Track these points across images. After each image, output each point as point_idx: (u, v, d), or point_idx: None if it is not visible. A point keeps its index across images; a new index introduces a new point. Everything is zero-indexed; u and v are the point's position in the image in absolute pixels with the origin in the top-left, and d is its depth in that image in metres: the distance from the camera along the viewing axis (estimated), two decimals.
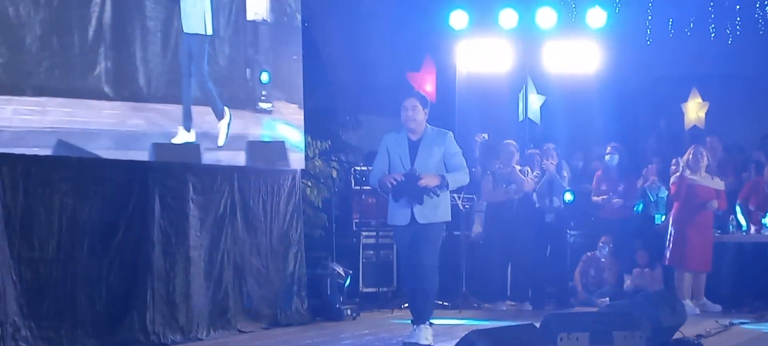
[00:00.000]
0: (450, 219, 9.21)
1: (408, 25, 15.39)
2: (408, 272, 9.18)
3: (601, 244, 12.68)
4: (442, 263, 12.98)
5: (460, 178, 8.82)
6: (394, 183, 8.66)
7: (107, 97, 9.60)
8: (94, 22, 9.40)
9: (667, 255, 12.15)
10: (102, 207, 8.87)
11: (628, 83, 15.84)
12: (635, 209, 13.11)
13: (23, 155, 8.23)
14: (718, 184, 12.11)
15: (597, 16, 14.71)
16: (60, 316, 8.42)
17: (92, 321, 8.68)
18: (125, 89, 9.59)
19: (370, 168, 13.06)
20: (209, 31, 10.50)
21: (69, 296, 8.54)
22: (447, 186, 8.69)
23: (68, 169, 8.60)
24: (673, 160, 12.59)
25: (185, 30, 10.20)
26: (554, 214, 12.97)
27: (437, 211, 8.68)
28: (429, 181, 8.53)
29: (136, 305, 9.09)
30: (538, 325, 7.36)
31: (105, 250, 8.86)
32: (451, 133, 8.87)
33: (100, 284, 8.82)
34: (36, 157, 8.37)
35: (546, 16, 14.75)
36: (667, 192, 12.85)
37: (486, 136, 14.28)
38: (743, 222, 12.55)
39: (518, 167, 12.68)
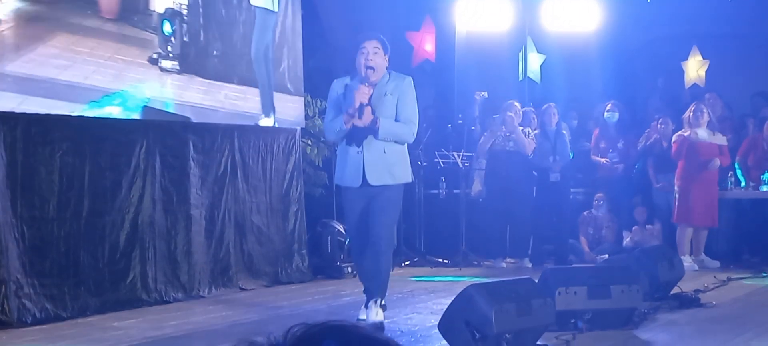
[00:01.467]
0: (410, 180, 8.25)
1: None
2: (358, 245, 8.09)
3: (596, 202, 12.82)
4: (443, 221, 13.29)
5: (398, 130, 7.59)
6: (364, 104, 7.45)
7: (289, 92, 11.42)
8: (279, 25, 11.11)
9: (675, 212, 12.23)
10: (103, 166, 8.94)
11: (629, 42, 15.82)
12: (636, 167, 13.21)
13: (23, 114, 8.31)
14: (721, 139, 12.20)
15: None
16: (62, 274, 8.52)
17: (95, 279, 8.78)
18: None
19: None
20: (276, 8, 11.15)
21: (69, 252, 8.61)
22: (376, 130, 7.47)
23: (69, 127, 8.65)
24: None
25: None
26: (560, 173, 13.12)
27: (393, 170, 7.63)
28: (365, 115, 7.42)
29: (137, 263, 9.19)
30: (536, 280, 7.49)
31: (107, 208, 8.94)
32: (410, 78, 7.95)
33: (103, 242, 8.90)
34: (36, 116, 8.44)
35: None
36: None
37: (485, 94, 14.40)
38: (742, 179, 12.68)
39: (520, 129, 12.81)
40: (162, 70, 9.94)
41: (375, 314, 7.68)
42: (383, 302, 7.79)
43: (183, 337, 7.67)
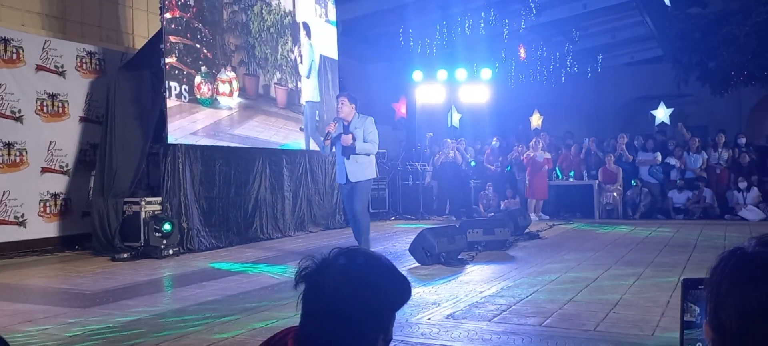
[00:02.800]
0: (375, 176, 7.25)
1: (392, 79, 15.69)
2: (349, 215, 7.37)
3: (487, 187, 12.88)
4: (411, 196, 13.43)
5: (367, 147, 6.80)
6: (332, 133, 6.85)
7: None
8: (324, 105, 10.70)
9: (526, 191, 12.31)
10: (241, 170, 8.97)
11: (504, 107, 16.13)
12: (507, 169, 13.25)
13: (200, 145, 8.28)
14: (548, 155, 12.32)
15: (486, 73, 14.97)
16: (219, 225, 8.56)
17: (236, 227, 8.82)
18: None
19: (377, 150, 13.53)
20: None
21: (224, 215, 8.72)
22: (355, 148, 6.76)
23: (222, 152, 8.64)
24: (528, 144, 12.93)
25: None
26: (468, 172, 13.49)
27: (364, 171, 6.84)
28: (346, 139, 6.75)
29: (257, 219, 9.21)
30: (458, 226, 7.60)
31: (242, 192, 9.00)
32: (371, 118, 6.96)
33: (240, 209, 8.95)
34: (206, 146, 8.38)
35: (461, 73, 15.00)
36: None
37: (431, 134, 14.30)
38: (560, 175, 12.80)
39: (451, 152, 13.14)
40: (301, 130, 10.27)
41: None
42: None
43: (281, 256, 7.56)
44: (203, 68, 8.49)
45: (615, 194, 12.20)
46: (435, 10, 12.72)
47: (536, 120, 14.94)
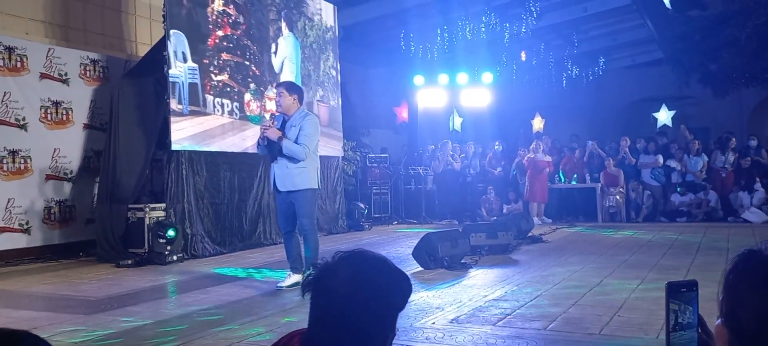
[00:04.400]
0: (316, 186, 5.66)
1: (393, 83, 15.71)
2: (282, 230, 5.87)
3: (489, 191, 12.87)
4: (413, 201, 13.25)
5: (293, 148, 5.44)
6: (265, 129, 5.57)
7: (338, 138, 11.22)
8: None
9: (527, 194, 12.26)
10: (244, 177, 8.95)
11: (505, 111, 16.07)
12: (513, 173, 13.14)
13: (203, 151, 8.25)
14: (548, 158, 12.30)
15: (488, 77, 15.00)
16: (223, 230, 8.55)
17: (239, 233, 8.79)
18: None
19: (379, 155, 13.54)
20: None
21: (228, 220, 8.67)
22: (281, 146, 5.45)
23: (225, 157, 8.61)
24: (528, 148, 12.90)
25: None
26: (471, 177, 13.51)
27: (295, 179, 5.52)
28: (271, 132, 5.49)
29: (260, 225, 9.18)
30: (461, 230, 7.55)
31: (245, 197, 8.96)
32: (311, 116, 5.79)
33: (243, 214, 8.92)
34: (209, 152, 8.34)
35: (462, 77, 15.00)
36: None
37: (433, 147, 14.02)
38: (562, 178, 12.76)
39: (450, 153, 13.19)
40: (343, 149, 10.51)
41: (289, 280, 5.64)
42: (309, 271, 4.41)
43: (285, 260, 7.19)
44: (252, 85, 8.74)
45: (618, 196, 12.16)
46: (436, 14, 12.72)
47: (538, 123, 14.92)
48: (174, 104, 7.97)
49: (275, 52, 9.74)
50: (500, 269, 6.54)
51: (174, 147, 7.93)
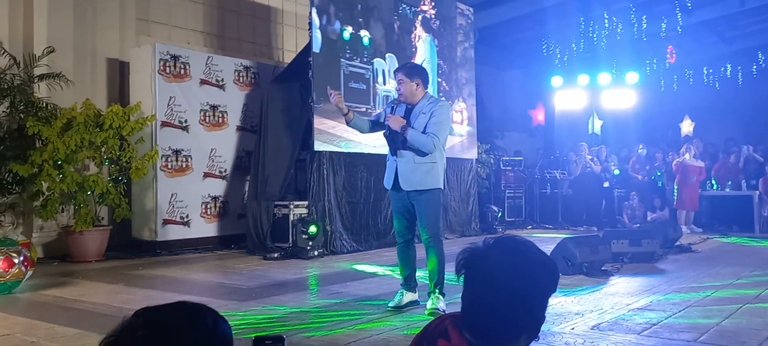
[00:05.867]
0: (441, 186, 4.64)
1: (529, 85, 15.49)
2: (400, 237, 4.86)
3: (632, 197, 12.44)
4: (549, 206, 12.94)
5: (420, 139, 4.50)
6: (388, 118, 4.65)
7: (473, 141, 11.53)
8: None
9: (675, 202, 11.66)
10: (380, 177, 8.93)
11: (651, 113, 15.32)
12: (652, 177, 12.62)
13: (343, 152, 8.53)
14: (700, 163, 11.62)
15: (632, 77, 14.31)
16: (360, 229, 8.78)
17: (376, 232, 9.00)
18: None
19: (513, 157, 13.35)
20: None
21: (364, 219, 8.91)
22: (405, 136, 4.53)
23: (363, 158, 8.82)
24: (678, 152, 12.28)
25: None
26: (609, 182, 12.97)
27: (424, 177, 4.57)
28: (394, 120, 4.58)
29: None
30: (601, 236, 7.29)
31: (381, 197, 9.04)
32: (444, 102, 4.89)
33: (379, 214, 9.09)
34: (348, 153, 8.59)
35: (604, 78, 14.39)
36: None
37: (574, 155, 13.35)
38: (715, 185, 12.04)
39: (589, 157, 12.73)
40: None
41: (430, 302, 4.59)
42: (440, 292, 4.57)
43: (419, 261, 7.66)
44: (443, 99, 9.17)
45: None
46: (575, 13, 12.34)
47: (687, 126, 14.01)
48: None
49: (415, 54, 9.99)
50: (645, 278, 6.22)
51: (317, 148, 8.30)
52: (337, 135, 8.59)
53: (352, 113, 4.78)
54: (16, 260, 5.58)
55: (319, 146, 8.34)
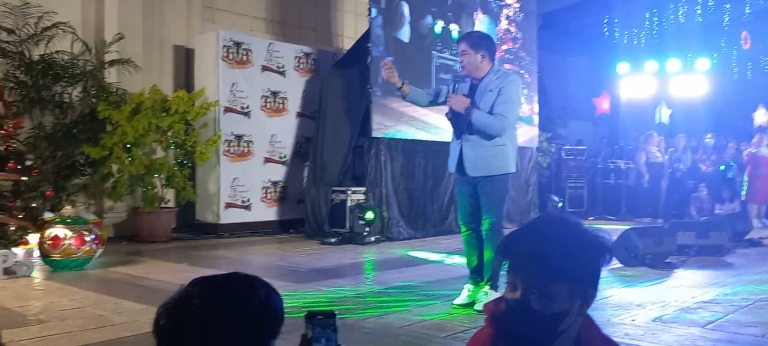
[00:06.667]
0: (513, 170, 4.33)
1: (594, 72, 15.14)
2: (464, 224, 4.47)
3: (700, 188, 12.05)
4: (610, 195, 12.63)
5: (488, 121, 4.11)
6: (450, 98, 4.24)
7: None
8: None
9: (745, 194, 11.14)
10: (438, 164, 8.87)
11: (723, 102, 14.67)
12: (720, 168, 12.13)
13: (401, 139, 8.54)
14: None
15: (703, 63, 13.76)
16: (417, 216, 8.76)
17: (432, 218, 8.95)
18: None
19: (575, 146, 13.06)
20: None
21: (421, 206, 8.89)
22: (470, 118, 4.13)
23: (421, 145, 8.77)
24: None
25: None
26: (679, 173, 12.51)
27: (492, 162, 4.21)
28: (457, 100, 4.17)
29: (452, 212, 9.01)
30: (666, 227, 7.08)
31: (439, 185, 9.09)
32: (514, 77, 4.32)
33: (436, 201, 9.05)
34: (406, 140, 8.60)
35: (673, 64, 13.88)
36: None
37: (650, 152, 12.65)
38: None
39: (655, 148, 12.31)
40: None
41: (480, 296, 4.28)
42: (492, 287, 4.26)
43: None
44: (524, 90, 9.74)
45: None
46: None
47: (761, 116, 13.33)
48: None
49: None
50: (711, 271, 6.01)
51: (374, 134, 8.34)
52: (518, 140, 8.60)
53: (408, 86, 4.35)
54: (87, 239, 5.85)
55: (378, 133, 8.36)
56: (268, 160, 9.09)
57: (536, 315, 1.29)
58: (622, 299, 4.63)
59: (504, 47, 10.13)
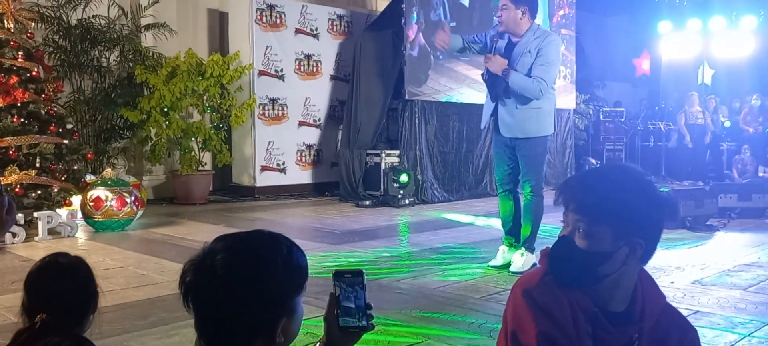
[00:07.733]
0: (550, 132, 4.29)
1: (633, 32, 14.73)
2: (499, 187, 4.46)
3: (743, 150, 11.74)
4: (649, 157, 12.40)
5: (526, 84, 4.05)
6: (487, 60, 4.17)
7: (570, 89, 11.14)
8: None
9: None
10: (473, 127, 8.85)
11: None
12: (766, 130, 11.71)
13: (435, 101, 8.49)
14: None
15: (750, 21, 13.29)
16: (451, 179, 8.77)
17: (466, 182, 8.96)
18: None
19: (613, 108, 12.82)
20: None
21: (456, 169, 8.89)
22: (506, 81, 4.06)
23: (455, 108, 8.73)
24: None
25: None
26: (718, 134, 12.18)
27: (526, 124, 4.17)
28: (495, 61, 4.10)
29: (487, 176, 9.06)
30: (708, 189, 6.96)
31: (473, 148, 9.04)
32: (553, 37, 4.34)
33: (470, 165, 9.03)
34: (440, 103, 8.55)
35: (717, 23, 13.36)
36: None
37: (691, 113, 12.22)
38: None
39: (698, 108, 12.02)
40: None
41: (515, 258, 4.25)
42: (528, 249, 4.24)
43: None
44: (551, 33, 9.42)
45: None
46: None
47: None
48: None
49: None
50: (753, 234, 5.89)
51: (408, 97, 8.29)
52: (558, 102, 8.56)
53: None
54: (128, 200, 6.00)
55: (411, 96, 8.32)
56: (302, 123, 9.13)
57: (577, 252, 1.30)
58: (661, 262, 4.56)
59: (560, 13, 10.16)
